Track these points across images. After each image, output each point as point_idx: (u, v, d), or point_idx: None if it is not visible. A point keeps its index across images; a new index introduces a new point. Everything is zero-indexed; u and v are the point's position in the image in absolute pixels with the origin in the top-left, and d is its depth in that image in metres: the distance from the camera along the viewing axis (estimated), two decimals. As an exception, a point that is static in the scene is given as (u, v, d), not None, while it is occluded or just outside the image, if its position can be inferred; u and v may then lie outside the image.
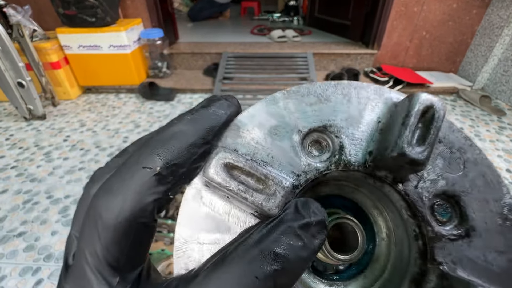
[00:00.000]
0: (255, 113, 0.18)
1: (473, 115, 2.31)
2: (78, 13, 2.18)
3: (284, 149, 0.18)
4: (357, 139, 0.18)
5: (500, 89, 2.51)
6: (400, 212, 0.19)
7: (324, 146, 0.18)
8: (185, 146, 0.16)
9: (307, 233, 0.14)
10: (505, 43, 2.41)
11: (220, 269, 0.14)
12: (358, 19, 2.93)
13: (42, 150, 1.85)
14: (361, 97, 0.19)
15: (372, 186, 0.20)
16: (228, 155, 0.16)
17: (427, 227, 0.17)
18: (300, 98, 0.18)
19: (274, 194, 0.15)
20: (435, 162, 0.17)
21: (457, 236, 0.17)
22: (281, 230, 0.14)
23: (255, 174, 0.16)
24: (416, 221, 0.18)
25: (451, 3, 2.51)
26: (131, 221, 0.14)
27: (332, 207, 0.22)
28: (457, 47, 2.76)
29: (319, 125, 0.18)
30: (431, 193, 0.17)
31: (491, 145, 1.93)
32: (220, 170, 0.15)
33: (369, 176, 0.19)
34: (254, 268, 0.13)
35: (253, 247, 0.14)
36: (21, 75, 1.95)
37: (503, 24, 2.37)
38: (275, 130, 0.18)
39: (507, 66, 2.41)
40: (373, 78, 2.71)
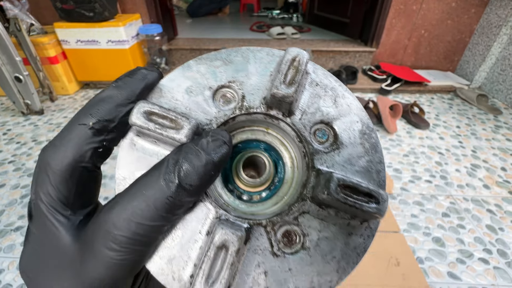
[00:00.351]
0: (174, 78, 0.23)
1: (470, 114, 2.32)
2: (75, 7, 2.16)
3: (198, 102, 0.23)
4: (255, 89, 0.24)
5: (497, 88, 2.52)
6: (294, 140, 0.24)
7: (230, 97, 0.24)
8: (112, 106, 0.20)
9: (206, 149, 0.18)
10: (503, 42, 2.42)
11: (133, 191, 0.17)
12: (357, 16, 2.93)
13: (40, 145, 1.85)
14: (257, 58, 0.24)
15: (272, 124, 0.25)
16: (145, 104, 0.20)
17: (309, 146, 0.23)
18: (209, 62, 0.24)
19: (182, 127, 0.20)
20: (313, 100, 0.23)
21: (330, 149, 0.22)
22: (184, 150, 0.18)
23: (168, 116, 0.20)
24: (303, 145, 0.23)
25: (450, 1, 2.52)
26: (74, 165, 0.19)
27: (252, 149, 0.28)
28: (455, 46, 2.76)
29: (225, 82, 0.24)
30: (311, 122, 0.23)
31: (487, 143, 1.95)
32: (140, 116, 0.19)
33: (267, 116, 0.24)
34: (161, 184, 0.17)
35: (161, 168, 0.18)
36: (19, 69, 1.94)
37: (501, 23, 2.38)
38: (190, 88, 0.23)
39: (505, 65, 2.43)
40: (371, 76, 2.72)
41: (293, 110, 0.23)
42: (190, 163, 0.17)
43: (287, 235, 0.21)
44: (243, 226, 0.21)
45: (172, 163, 0.17)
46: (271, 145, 0.28)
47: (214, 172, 0.18)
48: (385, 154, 1.82)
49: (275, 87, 0.21)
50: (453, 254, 1.22)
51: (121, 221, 0.16)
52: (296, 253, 0.21)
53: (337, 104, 0.24)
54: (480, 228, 1.34)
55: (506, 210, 1.43)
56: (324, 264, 0.21)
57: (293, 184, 0.26)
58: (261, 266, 0.21)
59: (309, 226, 0.21)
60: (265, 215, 0.23)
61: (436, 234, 1.31)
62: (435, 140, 1.99)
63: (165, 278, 0.20)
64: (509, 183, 1.61)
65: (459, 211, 1.42)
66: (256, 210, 0.26)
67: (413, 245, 1.26)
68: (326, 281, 0.21)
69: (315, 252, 0.21)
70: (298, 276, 0.21)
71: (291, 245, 0.21)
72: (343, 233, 0.21)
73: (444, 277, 1.14)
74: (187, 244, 0.20)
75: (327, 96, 0.24)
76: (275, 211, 0.24)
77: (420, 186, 1.58)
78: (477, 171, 1.70)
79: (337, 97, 0.24)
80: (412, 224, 1.35)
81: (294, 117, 0.23)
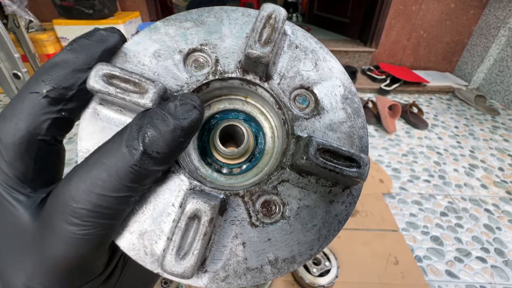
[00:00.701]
0: (139, 41, 0.22)
1: (468, 114, 2.34)
2: (75, 4, 2.15)
3: (168, 67, 0.21)
4: (229, 52, 0.22)
5: (495, 89, 2.54)
6: (274, 108, 0.23)
7: (203, 62, 0.22)
8: (68, 72, 0.18)
9: (174, 113, 0.17)
10: (501, 43, 2.44)
11: (92, 160, 0.16)
12: (357, 17, 2.94)
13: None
14: (232, 19, 0.22)
15: (250, 91, 0.24)
16: (104, 67, 0.18)
17: (289, 112, 0.22)
18: (179, 24, 0.22)
19: (147, 91, 0.18)
20: (293, 63, 0.22)
21: (311, 115, 0.22)
22: (149, 115, 0.17)
23: (131, 80, 0.18)
24: (282, 111, 0.22)
25: (449, 2, 2.53)
26: (29, 139, 0.17)
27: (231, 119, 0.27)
28: (454, 47, 2.78)
29: (197, 45, 0.22)
30: (290, 86, 0.22)
31: (484, 143, 1.97)
32: (99, 79, 0.18)
33: (244, 82, 0.23)
34: (123, 151, 0.15)
35: (123, 135, 0.16)
36: (17, 66, 1.92)
37: (499, 24, 2.39)
38: (158, 52, 0.22)
39: (503, 66, 2.44)
40: (370, 76, 2.72)
41: (270, 74, 0.22)
42: (156, 129, 0.16)
43: (266, 205, 0.21)
44: (219, 197, 0.20)
45: (136, 129, 0.16)
46: (251, 115, 0.26)
47: (184, 138, 0.17)
48: (384, 154, 1.83)
49: (249, 46, 0.20)
50: (451, 253, 1.23)
51: (80, 193, 0.15)
52: (276, 223, 0.20)
53: (318, 67, 0.22)
54: (478, 227, 1.35)
55: (503, 210, 1.45)
56: (304, 232, 0.20)
57: (274, 155, 0.25)
58: (239, 237, 0.20)
59: (289, 195, 0.21)
60: (244, 186, 0.22)
61: (434, 233, 1.32)
62: (434, 140, 2.00)
63: (137, 253, 0.19)
64: (507, 183, 1.62)
65: (457, 211, 1.43)
66: (236, 182, 0.25)
67: (411, 244, 1.27)
68: (307, 250, 0.20)
69: (295, 221, 0.20)
70: (278, 245, 0.20)
71: (270, 215, 0.21)
72: (324, 201, 0.21)
73: (442, 275, 1.15)
74: (160, 217, 0.19)
75: (308, 59, 0.22)
76: (254, 181, 0.23)
77: (419, 185, 1.59)
78: (475, 171, 1.71)
79: (318, 60, 0.23)
80: (411, 223, 1.36)
81: (272, 82, 0.22)
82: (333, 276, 1.00)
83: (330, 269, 1.02)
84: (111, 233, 0.18)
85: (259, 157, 0.26)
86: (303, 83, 0.22)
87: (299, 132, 0.21)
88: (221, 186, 0.23)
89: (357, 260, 1.14)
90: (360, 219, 1.32)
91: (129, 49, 0.21)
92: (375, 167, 1.67)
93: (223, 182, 0.25)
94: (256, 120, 0.26)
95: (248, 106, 0.26)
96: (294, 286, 1.04)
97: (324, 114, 0.22)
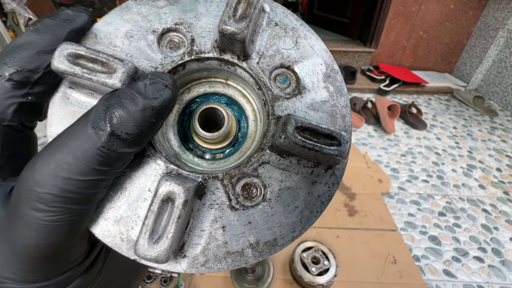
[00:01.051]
0: (110, 21, 0.21)
1: (466, 115, 2.35)
2: (75, 2, 2.14)
3: (141, 48, 0.21)
4: (205, 31, 0.21)
5: (493, 90, 2.55)
6: (254, 89, 0.23)
7: (178, 42, 0.22)
8: (33, 54, 0.17)
9: (144, 92, 0.16)
10: (499, 44, 2.45)
11: (57, 143, 0.15)
12: (356, 17, 2.94)
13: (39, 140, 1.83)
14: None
15: (229, 72, 0.23)
16: (69, 46, 0.17)
17: (268, 92, 0.21)
18: (152, 2, 0.21)
19: (115, 71, 0.17)
20: (272, 41, 0.22)
21: (292, 95, 0.21)
22: (117, 94, 0.16)
23: (98, 59, 0.17)
24: (262, 92, 0.22)
25: (449, 3, 2.54)
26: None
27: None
28: (453, 48, 2.79)
29: (171, 24, 0.21)
30: (270, 65, 0.21)
31: (482, 144, 1.98)
32: (63, 59, 0.17)
33: (222, 62, 0.22)
34: (89, 133, 0.15)
35: (89, 115, 0.15)
36: (16, 64, 1.92)
37: (498, 26, 2.40)
38: (130, 33, 0.21)
39: (501, 67, 2.46)
40: (370, 76, 2.73)
41: (249, 53, 0.21)
42: (124, 109, 0.15)
43: (246, 188, 0.20)
44: (197, 180, 0.19)
45: (103, 109, 0.15)
46: (232, 98, 0.26)
47: (156, 119, 0.16)
48: (383, 154, 1.84)
49: (223, 22, 0.19)
50: (449, 253, 1.24)
51: (44, 177, 0.14)
52: (257, 206, 0.20)
53: (299, 45, 0.22)
54: (476, 227, 1.36)
55: (501, 210, 1.46)
56: (286, 214, 0.20)
57: (256, 138, 0.25)
58: (219, 221, 0.20)
59: (269, 177, 0.20)
60: (224, 170, 0.21)
61: (432, 232, 1.33)
62: (432, 140, 2.01)
63: (112, 240, 0.18)
64: (504, 183, 1.63)
65: (455, 211, 1.44)
66: (218, 166, 0.24)
67: (410, 244, 1.27)
68: (289, 232, 0.20)
69: (277, 203, 0.20)
70: (259, 228, 0.20)
71: (251, 198, 0.20)
72: (307, 182, 0.20)
73: (440, 274, 1.16)
74: (135, 202, 0.19)
75: (288, 37, 0.22)
76: (235, 165, 0.22)
77: (417, 185, 1.59)
78: (473, 171, 1.72)
79: (298, 38, 0.22)
80: (409, 223, 1.37)
81: (251, 61, 0.21)
82: (332, 275, 1.01)
83: (329, 268, 1.03)
84: (83, 219, 0.17)
85: (242, 141, 0.25)
86: (283, 62, 0.22)
87: (280, 113, 0.21)
88: (200, 170, 0.23)
89: (355, 259, 1.15)
90: (359, 219, 1.32)
91: (99, 30, 0.20)
92: (374, 167, 1.68)
93: (205, 167, 0.24)
94: (238, 104, 0.26)
95: (230, 89, 0.26)
96: (293, 285, 1.04)
97: (306, 93, 0.21)
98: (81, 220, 0.16)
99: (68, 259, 0.17)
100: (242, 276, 1.05)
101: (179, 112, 0.25)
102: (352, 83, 2.65)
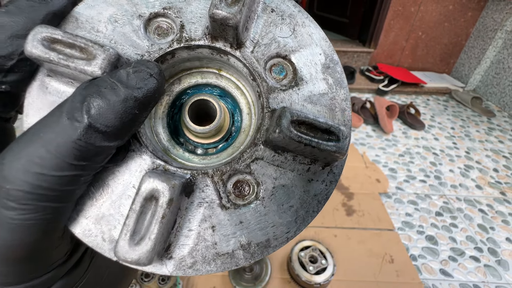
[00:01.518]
0: (93, 4, 0.19)
1: (464, 116, 2.36)
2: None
3: (126, 34, 0.19)
4: (196, 17, 0.20)
5: (491, 91, 2.56)
6: (248, 79, 0.21)
7: (167, 28, 0.20)
8: (5, 38, 0.16)
9: (126, 82, 0.15)
10: (498, 45, 2.46)
11: (29, 135, 0.14)
12: (356, 17, 2.95)
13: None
14: None
15: (221, 61, 0.22)
16: (43, 29, 0.16)
17: (263, 83, 0.20)
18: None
19: (95, 57, 0.16)
20: (268, 29, 0.20)
21: (288, 87, 0.20)
22: (96, 83, 0.15)
23: (76, 44, 0.16)
24: (256, 83, 0.20)
25: (447, 4, 2.55)
26: None
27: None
28: (452, 49, 2.80)
29: (159, 9, 0.20)
30: (265, 55, 0.20)
31: (480, 145, 1.99)
32: (37, 44, 0.15)
33: (213, 51, 0.21)
34: (64, 124, 0.13)
35: (63, 105, 0.14)
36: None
37: (496, 27, 2.41)
38: (115, 17, 0.19)
39: (499, 68, 2.47)
40: (368, 76, 2.74)
41: (242, 41, 0.20)
42: (103, 99, 0.14)
43: (238, 186, 0.19)
44: (185, 176, 0.18)
45: (79, 99, 0.14)
46: (226, 90, 0.24)
47: (140, 110, 0.15)
48: (381, 154, 1.85)
49: (213, 6, 0.17)
50: (445, 252, 1.25)
51: (14, 173, 0.13)
52: (249, 205, 0.19)
53: (297, 33, 0.20)
54: (472, 227, 1.37)
55: (497, 210, 1.47)
56: (280, 214, 0.19)
57: (250, 132, 0.24)
58: (208, 221, 0.18)
59: (263, 174, 0.19)
60: (215, 166, 0.20)
61: (429, 232, 1.34)
62: (430, 140, 2.02)
63: (93, 240, 0.17)
64: (501, 184, 1.64)
65: (452, 211, 1.45)
66: (209, 162, 0.23)
67: (407, 243, 1.28)
68: (283, 233, 0.19)
69: (270, 202, 0.19)
70: (251, 228, 0.19)
71: (243, 197, 0.19)
72: (303, 179, 0.19)
73: (437, 274, 1.17)
74: (119, 200, 0.18)
75: (285, 24, 0.20)
76: (227, 161, 0.21)
77: (415, 185, 1.60)
78: (470, 171, 1.73)
79: (296, 25, 0.20)
80: (407, 223, 1.38)
81: (245, 49, 0.20)
82: (329, 274, 1.02)
83: (326, 267, 1.04)
84: (60, 218, 0.15)
85: (236, 136, 0.24)
86: (280, 51, 0.20)
87: (275, 105, 0.19)
88: (190, 166, 0.21)
89: (353, 258, 1.16)
90: (356, 218, 1.33)
91: (80, 13, 0.19)
92: (372, 167, 1.69)
93: (196, 163, 0.23)
94: (232, 96, 0.24)
95: (223, 80, 0.24)
96: (291, 283, 1.05)
97: (303, 85, 0.20)
98: (58, 219, 0.15)
99: (48, 260, 0.16)
100: (240, 274, 1.06)
101: (168, 104, 0.23)
102: (351, 83, 2.65)
